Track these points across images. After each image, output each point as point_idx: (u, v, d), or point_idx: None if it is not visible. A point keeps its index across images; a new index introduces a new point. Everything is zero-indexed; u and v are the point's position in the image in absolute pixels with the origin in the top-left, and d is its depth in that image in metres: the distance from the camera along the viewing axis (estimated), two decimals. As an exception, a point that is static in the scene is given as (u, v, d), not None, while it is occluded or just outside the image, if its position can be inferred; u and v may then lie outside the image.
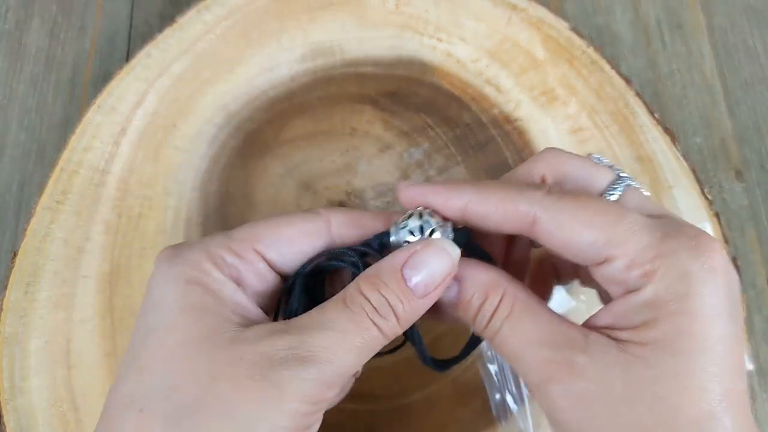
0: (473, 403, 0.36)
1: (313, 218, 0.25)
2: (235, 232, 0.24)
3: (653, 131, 0.41)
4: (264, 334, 0.21)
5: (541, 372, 0.21)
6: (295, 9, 0.44)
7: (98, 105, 0.41)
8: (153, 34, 0.43)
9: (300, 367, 0.21)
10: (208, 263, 0.23)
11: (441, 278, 0.23)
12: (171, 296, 0.22)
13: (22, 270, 0.37)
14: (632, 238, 0.21)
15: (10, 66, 0.49)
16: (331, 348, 0.21)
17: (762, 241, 0.44)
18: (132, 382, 0.21)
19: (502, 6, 0.44)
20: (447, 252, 0.23)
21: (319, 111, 0.42)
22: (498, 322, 0.23)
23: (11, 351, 0.35)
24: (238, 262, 0.24)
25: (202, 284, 0.22)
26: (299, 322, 0.22)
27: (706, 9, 0.50)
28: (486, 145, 0.41)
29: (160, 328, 0.22)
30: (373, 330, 0.22)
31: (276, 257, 0.24)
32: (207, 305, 0.22)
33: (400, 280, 0.22)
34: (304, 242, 0.25)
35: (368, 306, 0.22)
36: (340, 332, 0.21)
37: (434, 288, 0.23)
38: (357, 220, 0.25)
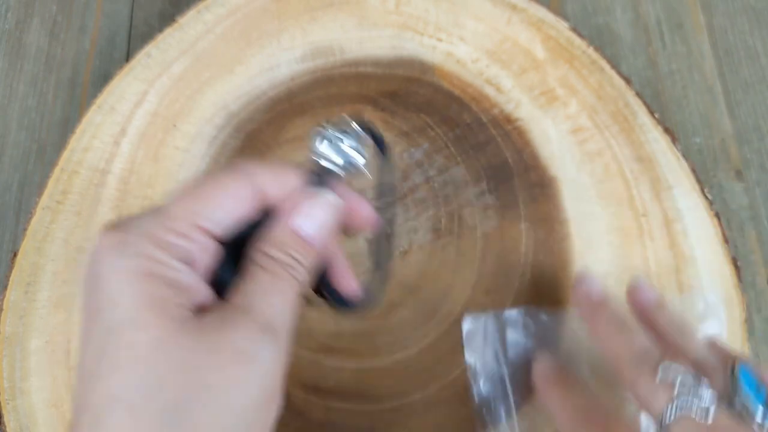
0: (473, 403, 0.36)
1: (241, 177, 0.25)
2: (171, 210, 0.24)
3: (653, 131, 0.41)
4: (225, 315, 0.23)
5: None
6: (295, 9, 0.44)
7: (98, 105, 0.41)
8: (153, 34, 0.43)
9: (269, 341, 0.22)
10: (160, 251, 0.23)
11: (327, 225, 0.26)
12: (130, 292, 0.22)
13: (22, 270, 0.37)
14: None
15: (10, 66, 0.49)
16: (277, 310, 0.23)
17: (762, 241, 0.44)
18: (112, 381, 0.21)
19: (502, 6, 0.44)
20: (324, 197, 0.25)
21: (319, 111, 0.42)
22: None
23: (11, 351, 0.35)
24: (186, 243, 0.23)
25: (159, 276, 0.22)
26: (239, 294, 0.23)
27: (706, 9, 0.50)
28: (486, 145, 0.41)
29: (126, 325, 0.21)
30: (293, 282, 0.24)
31: (214, 226, 0.24)
32: (169, 297, 0.22)
33: (296, 237, 0.25)
34: (240, 206, 0.25)
35: (279, 262, 0.24)
36: (277, 294, 0.23)
37: (323, 232, 0.25)
38: (280, 175, 0.26)
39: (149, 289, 0.22)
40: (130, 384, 0.21)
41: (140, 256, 0.22)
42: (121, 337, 0.21)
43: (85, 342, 0.22)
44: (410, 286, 0.38)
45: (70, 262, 0.37)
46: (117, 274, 0.22)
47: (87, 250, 0.23)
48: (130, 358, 0.21)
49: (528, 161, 0.41)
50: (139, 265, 0.22)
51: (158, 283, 0.22)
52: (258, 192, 0.25)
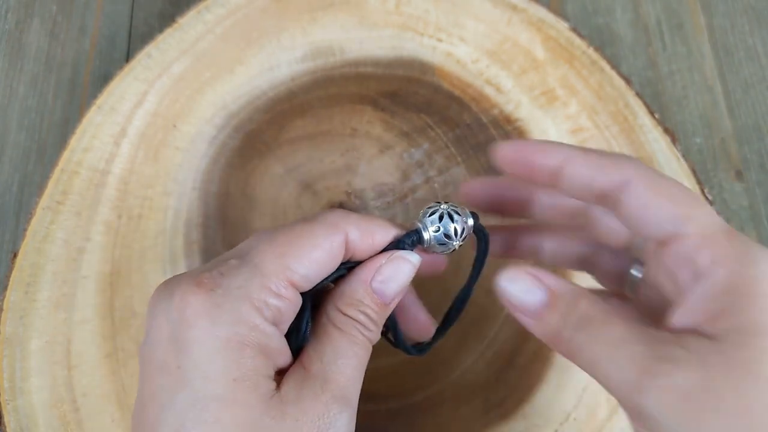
0: (475, 403, 0.36)
1: (335, 234, 0.24)
2: (266, 266, 0.23)
3: (653, 131, 0.41)
4: (298, 386, 0.22)
5: (640, 368, 0.21)
6: (296, 9, 0.44)
7: (98, 105, 0.41)
8: (153, 34, 0.43)
9: (343, 409, 0.23)
10: (257, 315, 0.22)
11: (405, 286, 0.26)
12: (222, 365, 0.21)
13: (22, 270, 0.37)
14: (707, 219, 0.22)
15: (10, 66, 0.49)
16: (351, 376, 0.23)
17: (762, 241, 0.44)
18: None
19: (502, 6, 0.44)
20: (408, 261, 0.26)
21: (319, 111, 0.42)
22: (589, 326, 0.23)
23: (11, 351, 0.35)
24: (279, 303, 0.23)
25: (253, 345, 0.22)
26: (315, 358, 0.23)
27: (706, 9, 0.50)
28: (486, 145, 0.41)
29: (213, 399, 0.21)
30: (366, 343, 0.24)
31: (305, 283, 0.24)
32: (259, 369, 0.22)
33: (373, 295, 0.25)
34: (329, 262, 0.24)
35: (357, 323, 0.24)
36: (351, 357, 0.24)
37: (400, 293, 0.26)
38: (370, 235, 0.25)
39: (242, 361, 0.21)
40: None
41: (236, 324, 0.22)
42: (207, 413, 0.21)
43: (163, 407, 0.22)
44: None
45: (70, 262, 0.37)
46: (210, 343, 0.21)
47: (161, 297, 0.22)
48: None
49: (528, 161, 0.41)
50: (235, 334, 0.22)
51: (251, 353, 0.22)
52: (349, 247, 0.25)
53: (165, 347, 0.22)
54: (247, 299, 0.22)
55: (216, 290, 0.22)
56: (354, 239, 0.25)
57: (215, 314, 0.22)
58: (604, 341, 0.22)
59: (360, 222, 0.25)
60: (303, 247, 0.24)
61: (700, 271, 0.22)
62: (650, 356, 0.21)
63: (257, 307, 0.22)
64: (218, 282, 0.22)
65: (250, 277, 0.23)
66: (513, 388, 0.36)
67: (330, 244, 0.24)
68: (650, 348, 0.21)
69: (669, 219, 0.23)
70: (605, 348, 0.22)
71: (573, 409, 0.36)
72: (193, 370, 0.21)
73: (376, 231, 0.25)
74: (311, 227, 0.24)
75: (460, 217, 0.26)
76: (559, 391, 0.36)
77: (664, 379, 0.20)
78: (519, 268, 0.24)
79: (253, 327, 0.22)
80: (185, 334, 0.21)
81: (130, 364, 0.36)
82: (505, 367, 0.37)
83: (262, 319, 0.22)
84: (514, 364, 0.37)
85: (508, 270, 0.24)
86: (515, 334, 0.37)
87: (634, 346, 0.21)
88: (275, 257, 0.23)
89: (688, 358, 0.21)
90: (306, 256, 0.23)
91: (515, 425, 0.35)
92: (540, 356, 0.37)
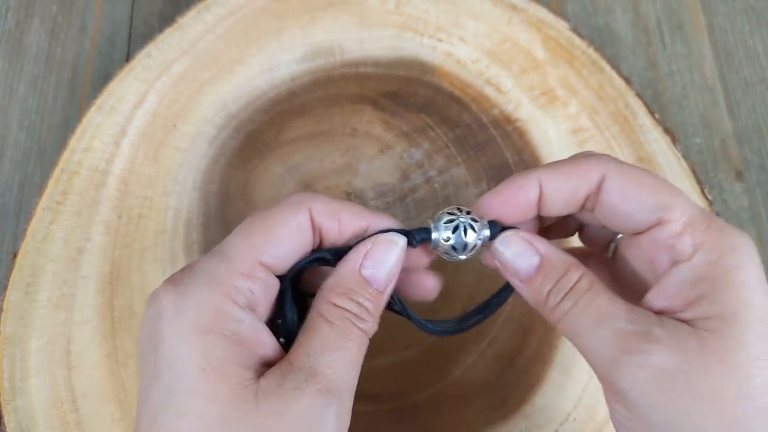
0: (476, 403, 0.36)
1: (300, 210, 0.24)
2: (233, 250, 0.23)
3: (653, 132, 0.41)
4: (280, 379, 0.21)
5: (619, 344, 0.21)
6: (295, 9, 0.44)
7: (98, 105, 0.41)
8: (153, 34, 0.43)
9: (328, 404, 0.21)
10: (223, 299, 0.22)
11: (395, 269, 0.24)
12: (189, 354, 0.21)
13: (22, 270, 0.37)
14: (687, 207, 0.23)
15: (10, 66, 0.49)
16: (341, 370, 0.22)
17: (762, 241, 0.44)
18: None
19: (502, 6, 0.44)
20: (394, 242, 0.25)
21: (320, 111, 0.42)
22: (575, 296, 0.23)
23: (12, 351, 0.35)
24: (249, 284, 0.23)
25: (219, 331, 0.21)
26: (297, 352, 0.22)
27: (706, 9, 0.50)
28: (486, 145, 0.41)
29: (181, 391, 0.21)
30: (360, 335, 0.23)
31: (277, 262, 0.24)
32: (228, 357, 0.21)
33: (363, 282, 0.24)
34: (299, 239, 0.24)
35: (348, 314, 0.23)
36: (339, 350, 0.22)
37: (392, 277, 0.24)
38: (335, 212, 0.25)
39: (209, 349, 0.21)
40: None
41: (198, 309, 0.21)
42: (177, 406, 0.21)
43: (142, 402, 0.22)
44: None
45: (70, 262, 0.37)
46: (176, 332, 0.21)
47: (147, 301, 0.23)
48: (185, 428, 0.20)
49: (528, 161, 0.41)
50: (198, 320, 0.21)
51: (218, 340, 0.21)
52: (316, 226, 0.24)
53: (146, 346, 0.22)
54: (212, 285, 0.22)
55: (183, 281, 0.22)
56: (320, 217, 0.24)
57: (180, 304, 0.22)
58: (589, 313, 0.22)
59: (325, 201, 0.25)
60: (268, 226, 0.24)
61: (679, 256, 0.22)
62: (630, 332, 0.21)
63: (225, 292, 0.22)
64: (185, 274, 0.23)
65: (218, 263, 0.23)
66: (513, 388, 0.36)
67: (295, 220, 0.24)
68: (631, 324, 0.22)
69: (649, 208, 0.23)
70: (588, 320, 0.22)
71: (573, 409, 0.36)
72: (163, 363, 0.21)
73: (342, 211, 0.25)
74: (276, 208, 0.24)
75: (476, 232, 0.25)
76: (560, 391, 0.36)
77: (642, 357, 0.21)
78: (514, 233, 0.25)
79: (217, 312, 0.22)
80: (157, 328, 0.22)
81: (130, 364, 0.36)
82: (506, 367, 0.37)
83: (231, 303, 0.22)
84: (515, 364, 0.37)
85: (504, 234, 0.25)
86: (515, 334, 0.37)
87: (616, 322, 0.22)
88: (241, 239, 0.23)
89: (666, 339, 0.21)
90: (272, 234, 0.23)
91: (515, 425, 0.35)
92: (540, 356, 0.37)
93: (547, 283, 0.24)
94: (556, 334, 0.37)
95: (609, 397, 0.23)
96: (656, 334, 0.21)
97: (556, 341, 0.37)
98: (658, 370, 0.21)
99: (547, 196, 0.25)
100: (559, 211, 0.25)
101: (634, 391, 0.21)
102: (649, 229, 0.23)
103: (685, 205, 0.23)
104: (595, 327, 0.22)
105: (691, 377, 0.20)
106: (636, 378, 0.21)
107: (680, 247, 0.22)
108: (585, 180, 0.24)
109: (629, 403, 0.21)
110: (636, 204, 0.23)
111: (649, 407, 0.21)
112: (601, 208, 0.24)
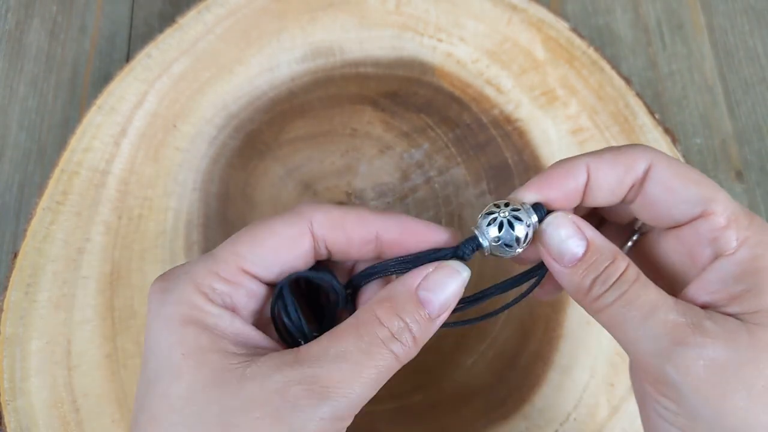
0: (473, 403, 0.36)
1: (296, 221, 0.24)
2: (218, 254, 0.23)
3: (653, 132, 0.41)
4: (273, 368, 0.21)
5: (672, 336, 0.21)
6: (295, 9, 0.44)
7: (98, 105, 0.41)
8: (153, 34, 0.43)
9: (315, 405, 0.20)
10: (200, 297, 0.22)
11: (454, 299, 0.23)
12: (167, 341, 0.22)
13: (23, 271, 0.37)
14: (729, 202, 0.23)
15: (10, 66, 0.48)
16: (345, 382, 0.21)
17: (762, 241, 0.44)
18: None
19: (502, 6, 0.44)
20: (458, 272, 0.23)
21: (320, 112, 0.42)
22: (624, 286, 0.22)
23: (12, 352, 0.35)
24: (228, 288, 0.23)
25: (196, 323, 0.22)
26: (309, 351, 0.21)
27: (706, 9, 0.50)
28: (486, 145, 0.41)
29: (163, 376, 0.21)
30: (388, 358, 0.22)
31: (262, 271, 0.23)
32: (206, 345, 0.21)
33: (417, 303, 0.22)
34: (289, 250, 0.24)
35: (384, 333, 0.22)
36: (354, 364, 0.21)
37: (447, 309, 0.23)
38: (339, 222, 0.24)
39: (186, 336, 0.21)
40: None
41: (178, 303, 0.22)
42: (158, 388, 0.21)
43: (137, 390, 0.23)
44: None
45: (70, 262, 0.37)
46: (158, 323, 0.22)
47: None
48: (164, 410, 0.21)
49: (528, 161, 0.41)
50: (175, 312, 0.22)
51: (195, 330, 0.22)
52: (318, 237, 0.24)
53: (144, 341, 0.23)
54: (192, 283, 0.22)
55: (169, 279, 0.23)
56: (322, 229, 0.24)
57: (163, 298, 0.22)
58: (638, 305, 0.22)
59: (328, 211, 0.24)
60: (258, 235, 0.23)
61: (722, 250, 0.22)
62: (683, 324, 0.21)
63: (202, 291, 0.22)
64: (173, 272, 0.23)
65: (201, 264, 0.23)
66: (513, 388, 0.36)
67: (288, 231, 0.24)
68: (683, 317, 0.21)
69: (695, 200, 0.23)
70: (637, 311, 0.22)
71: (573, 409, 0.36)
72: (149, 351, 0.22)
73: (347, 219, 0.24)
74: (274, 217, 0.24)
75: (522, 222, 0.23)
76: (560, 391, 0.36)
77: (696, 350, 0.21)
78: (564, 215, 0.24)
79: (194, 306, 0.22)
80: (148, 322, 0.23)
81: (130, 365, 0.36)
82: (506, 368, 0.37)
83: (207, 301, 0.22)
84: (515, 364, 0.37)
85: (553, 215, 0.24)
86: (516, 334, 0.37)
87: (667, 314, 0.21)
88: (229, 245, 0.23)
89: (717, 332, 0.21)
90: (259, 243, 0.23)
91: (516, 425, 0.35)
92: (540, 357, 0.37)
93: (593, 271, 0.23)
94: (556, 334, 0.37)
95: (653, 391, 0.22)
96: (708, 327, 0.21)
97: (557, 342, 0.37)
98: (712, 363, 0.20)
99: (594, 183, 0.24)
100: (603, 199, 0.24)
101: (686, 384, 0.21)
102: (691, 222, 0.23)
103: (728, 200, 0.23)
104: (644, 319, 0.22)
105: (745, 371, 0.20)
106: (690, 371, 0.21)
107: (724, 241, 0.22)
108: (632, 169, 0.23)
109: (679, 397, 0.21)
110: (681, 195, 0.23)
111: (701, 401, 0.21)
112: (644, 198, 0.24)
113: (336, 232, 0.24)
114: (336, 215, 0.24)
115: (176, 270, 0.23)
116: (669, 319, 0.21)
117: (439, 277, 0.23)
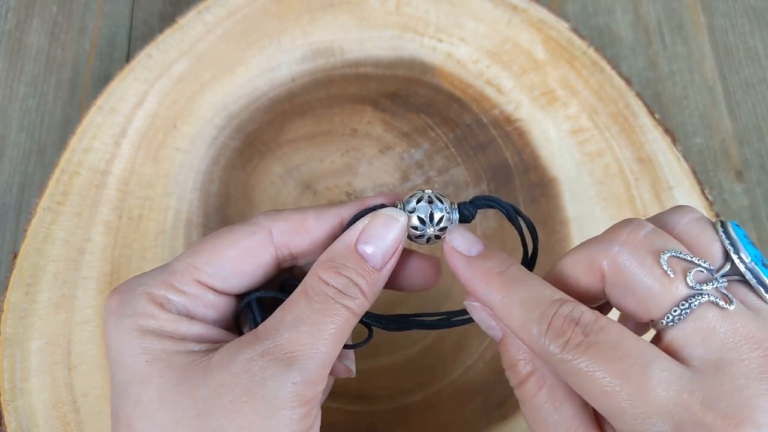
0: (473, 403, 0.36)
1: (254, 231, 0.24)
2: (174, 265, 0.23)
3: (654, 132, 0.41)
4: (235, 351, 0.21)
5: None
6: (296, 9, 0.44)
7: (98, 106, 0.41)
8: (153, 34, 0.43)
9: (283, 373, 0.20)
10: (155, 308, 0.22)
11: (394, 246, 0.23)
12: (130, 351, 0.22)
13: (23, 271, 0.37)
14: (651, 395, 0.19)
15: (10, 66, 0.48)
16: (308, 344, 0.21)
17: (763, 241, 0.44)
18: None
19: (502, 7, 0.44)
20: (395, 218, 0.23)
21: (320, 112, 0.42)
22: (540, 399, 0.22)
23: (12, 352, 0.35)
24: (183, 300, 0.23)
25: (155, 331, 0.22)
26: (266, 326, 0.22)
27: (706, 9, 0.50)
28: (486, 145, 0.41)
29: (132, 385, 0.21)
30: (343, 313, 0.22)
31: (220, 283, 0.23)
32: (169, 347, 0.22)
33: (358, 257, 0.23)
34: (248, 261, 0.24)
35: (331, 290, 0.22)
36: (311, 325, 0.21)
37: (390, 256, 0.23)
38: (300, 225, 0.24)
39: (148, 344, 0.22)
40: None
41: (134, 316, 0.22)
42: (130, 397, 0.21)
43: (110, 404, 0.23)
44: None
45: (70, 263, 0.37)
46: (117, 335, 0.22)
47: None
48: (138, 414, 0.21)
49: (528, 162, 0.41)
50: (135, 323, 0.22)
51: (155, 338, 0.22)
52: (280, 245, 0.24)
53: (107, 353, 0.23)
54: (146, 295, 0.22)
55: (125, 291, 0.23)
56: (283, 237, 0.24)
57: (120, 310, 0.22)
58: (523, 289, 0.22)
59: (288, 217, 0.24)
60: (215, 247, 0.23)
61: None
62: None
63: (157, 302, 0.22)
64: (127, 284, 0.23)
65: (156, 275, 0.23)
66: (513, 388, 0.36)
67: (248, 242, 0.24)
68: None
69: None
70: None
71: (573, 409, 0.36)
72: (114, 364, 0.22)
73: (306, 219, 0.24)
74: (234, 227, 0.24)
75: (443, 204, 0.24)
76: (560, 391, 0.36)
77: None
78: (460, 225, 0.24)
79: (152, 316, 0.22)
80: (106, 335, 0.23)
81: (130, 365, 0.36)
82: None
83: (162, 311, 0.22)
84: (515, 364, 0.37)
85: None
86: (515, 334, 0.37)
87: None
88: (186, 257, 0.23)
89: None
90: (217, 255, 0.23)
91: (516, 425, 0.35)
92: (540, 357, 0.37)
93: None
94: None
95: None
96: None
97: (557, 341, 0.37)
98: None
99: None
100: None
101: None
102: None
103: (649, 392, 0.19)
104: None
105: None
106: None
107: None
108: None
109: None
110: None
111: None
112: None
113: (299, 237, 0.24)
114: (296, 220, 0.24)
115: (130, 282, 0.23)
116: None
117: (375, 228, 0.23)
